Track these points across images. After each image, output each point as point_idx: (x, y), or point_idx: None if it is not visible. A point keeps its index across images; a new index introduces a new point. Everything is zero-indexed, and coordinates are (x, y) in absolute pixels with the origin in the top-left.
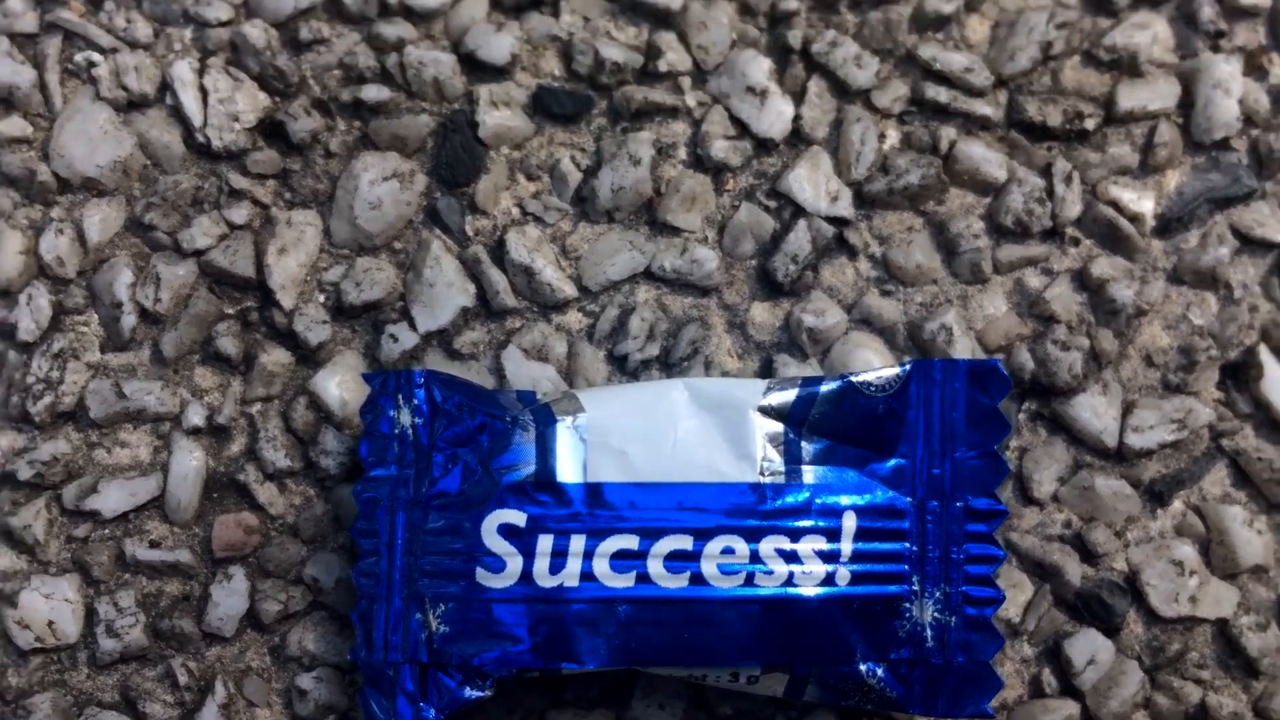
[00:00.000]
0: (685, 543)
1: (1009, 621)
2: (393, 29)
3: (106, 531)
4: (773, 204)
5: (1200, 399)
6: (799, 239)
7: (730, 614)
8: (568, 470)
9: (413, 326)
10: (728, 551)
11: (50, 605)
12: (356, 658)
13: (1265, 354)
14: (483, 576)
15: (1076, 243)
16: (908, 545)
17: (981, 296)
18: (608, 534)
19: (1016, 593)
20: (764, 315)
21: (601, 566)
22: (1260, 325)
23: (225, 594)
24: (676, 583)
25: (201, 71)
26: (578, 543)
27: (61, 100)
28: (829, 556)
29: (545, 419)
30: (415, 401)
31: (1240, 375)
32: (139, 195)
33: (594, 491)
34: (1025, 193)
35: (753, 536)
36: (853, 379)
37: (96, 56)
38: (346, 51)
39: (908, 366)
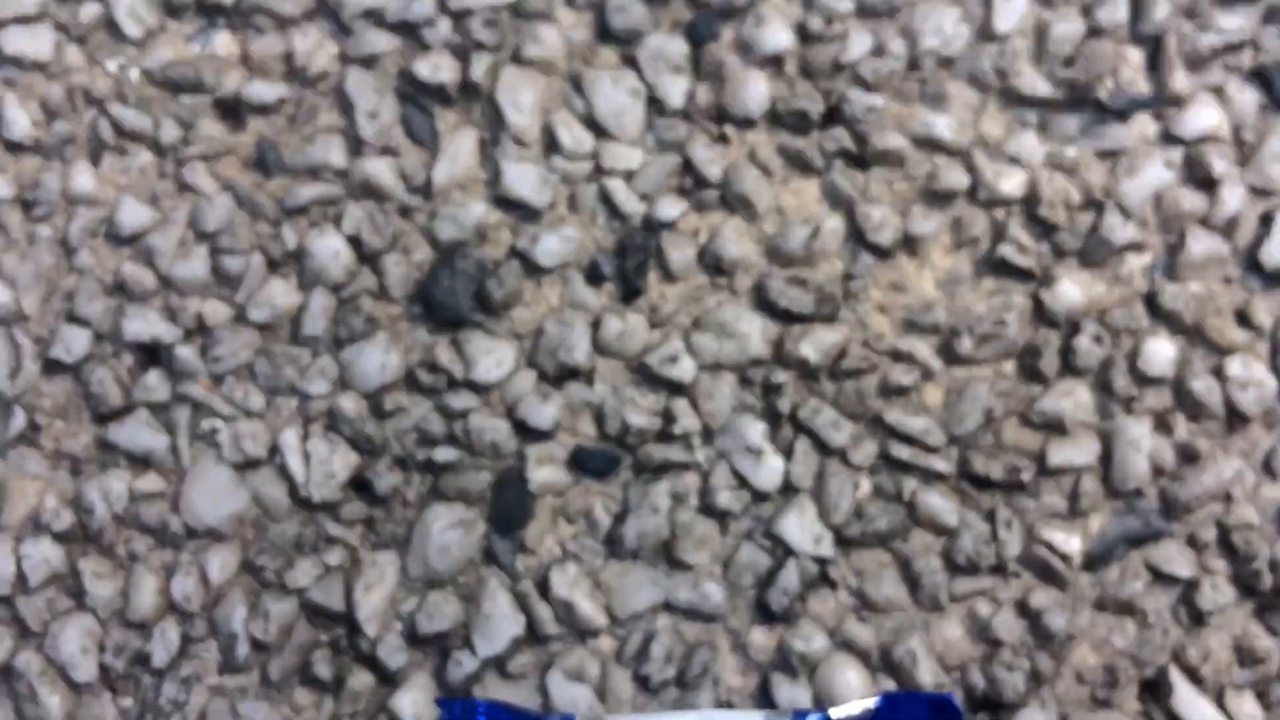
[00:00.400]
0: None
1: None
2: (458, 400)
3: None
4: (768, 544)
5: (1123, 712)
6: (790, 575)
7: None
8: None
9: (473, 652)
10: None
11: None
12: None
13: (1175, 673)
14: None
15: (1018, 576)
16: None
17: (941, 623)
18: None
19: None
20: (762, 639)
21: None
22: (1171, 648)
23: None
24: None
25: (305, 437)
26: None
27: (190, 460)
28: None
29: None
30: None
31: (1156, 691)
32: (252, 540)
33: None
34: (974, 535)
35: None
36: (832, 715)
37: (219, 424)
38: (421, 418)
39: (879, 701)
